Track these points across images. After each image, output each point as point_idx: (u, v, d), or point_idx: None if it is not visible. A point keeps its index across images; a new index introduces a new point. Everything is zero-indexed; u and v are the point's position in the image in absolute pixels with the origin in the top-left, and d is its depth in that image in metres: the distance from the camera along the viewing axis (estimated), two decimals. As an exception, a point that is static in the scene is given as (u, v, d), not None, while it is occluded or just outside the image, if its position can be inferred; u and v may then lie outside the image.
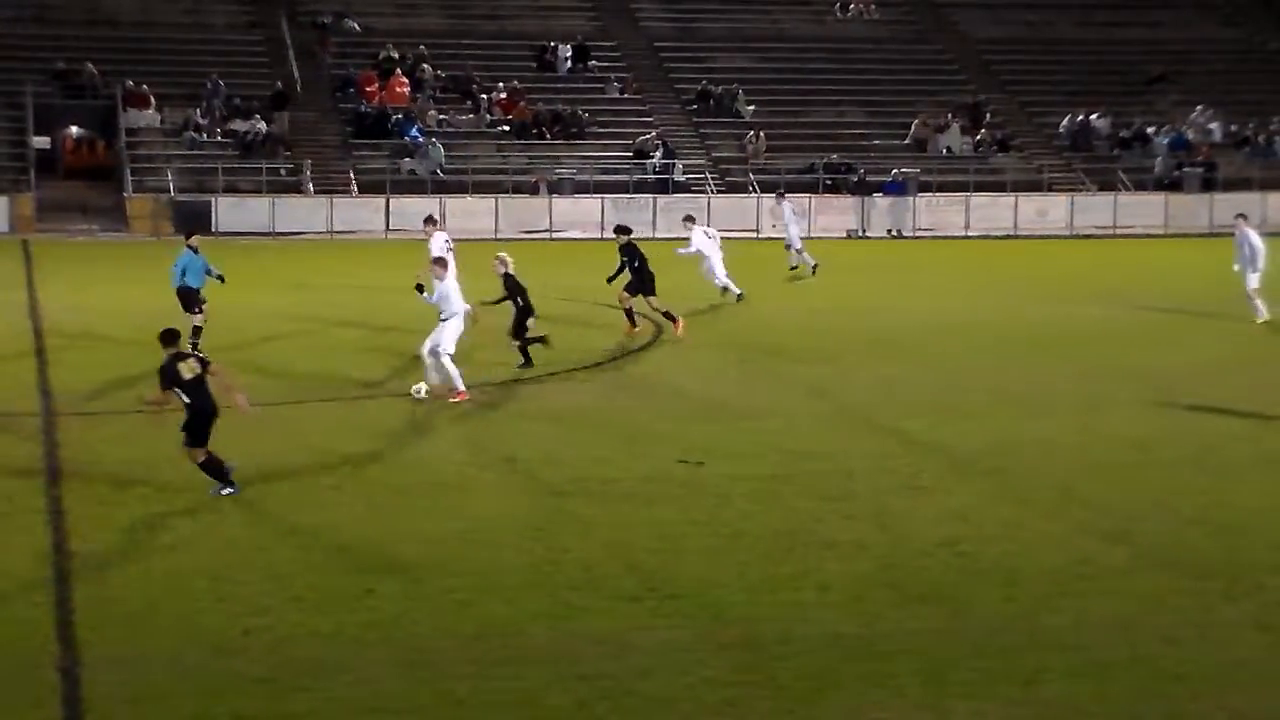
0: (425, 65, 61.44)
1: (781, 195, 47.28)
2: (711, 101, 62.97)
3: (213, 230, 48.56)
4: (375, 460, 21.05)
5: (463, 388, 24.64)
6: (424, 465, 20.76)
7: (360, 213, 54.48)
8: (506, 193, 56.21)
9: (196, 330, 28.86)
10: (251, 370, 27.17)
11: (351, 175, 56.31)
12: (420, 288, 25.68)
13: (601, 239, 52.04)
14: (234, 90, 58.38)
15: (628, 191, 56.76)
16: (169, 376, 18.43)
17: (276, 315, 33.36)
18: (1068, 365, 28.93)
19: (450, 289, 25.32)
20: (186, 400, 18.43)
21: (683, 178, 58.67)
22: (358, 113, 59.04)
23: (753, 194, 57.80)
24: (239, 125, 57.12)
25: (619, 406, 24.82)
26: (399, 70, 60.61)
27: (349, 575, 15.99)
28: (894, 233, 57.78)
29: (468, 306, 25.45)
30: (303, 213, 54.14)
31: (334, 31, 63.09)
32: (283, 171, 56.15)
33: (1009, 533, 17.66)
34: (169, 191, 53.83)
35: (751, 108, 62.82)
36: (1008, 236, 57.55)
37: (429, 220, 34.80)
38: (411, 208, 53.90)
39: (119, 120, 56.75)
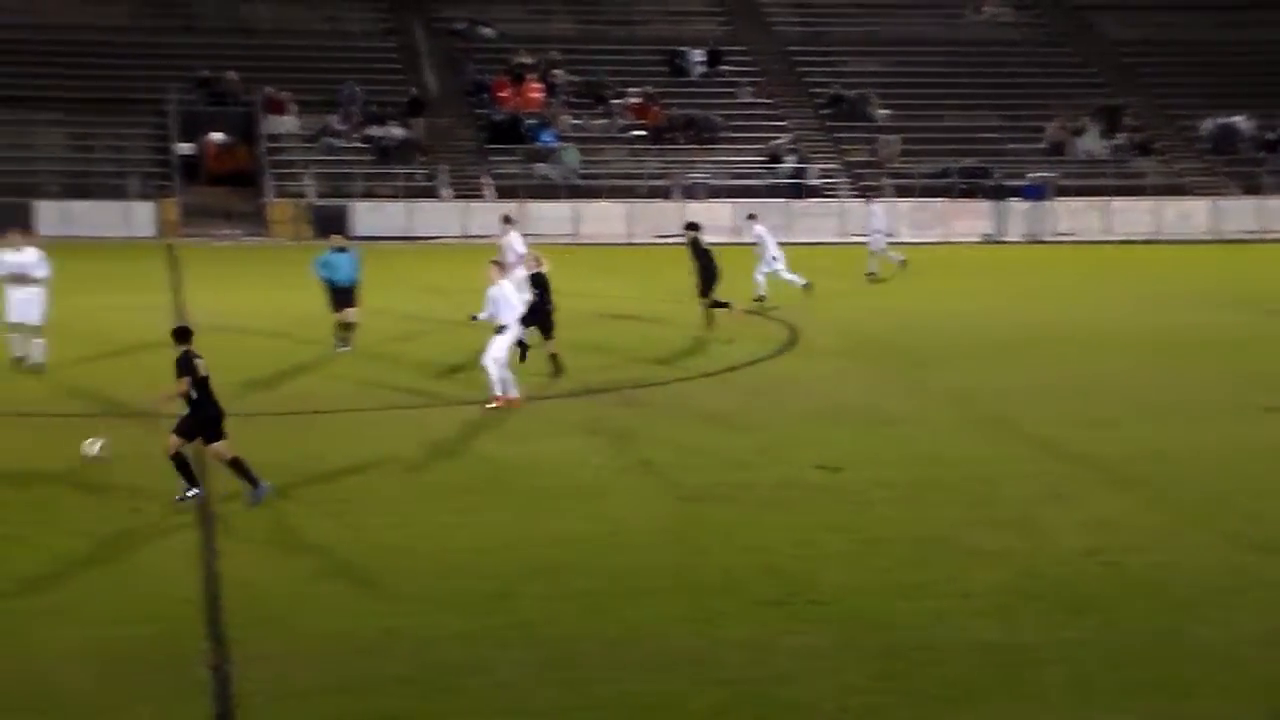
0: (558, 70, 61.72)
1: (870, 198, 47.04)
2: (844, 105, 62.68)
3: (351, 234, 49.04)
4: (512, 463, 21.13)
5: (499, 394, 24.37)
6: (560, 469, 20.82)
7: (495, 217, 54.64)
8: (640, 197, 56.31)
9: (338, 326, 29.30)
10: (385, 371, 27.45)
11: (487, 180, 56.69)
12: (474, 317, 25.08)
13: (734, 244, 51.99)
14: (370, 96, 59.01)
15: (760, 196, 56.63)
16: (187, 366, 18.52)
17: (411, 317, 33.66)
18: (1211, 372, 28.45)
19: (503, 295, 24.76)
20: (194, 396, 18.50)
21: (816, 182, 58.46)
22: (492, 118, 59.45)
23: (888, 198, 57.43)
24: (375, 131, 57.72)
25: (755, 411, 24.76)
26: (532, 76, 60.95)
27: (489, 577, 16.09)
28: (1031, 238, 57.14)
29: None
30: (439, 217, 54.57)
31: (468, 38, 63.58)
32: (419, 176, 56.66)
33: (1157, 542, 17.38)
34: (308, 196, 54.52)
35: (885, 112, 62.45)
36: (1149, 241, 56.66)
37: (506, 219, 35.16)
38: (546, 212, 54.19)
39: (259, 126, 57.61)
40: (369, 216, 53.10)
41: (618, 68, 62.61)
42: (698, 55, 63.89)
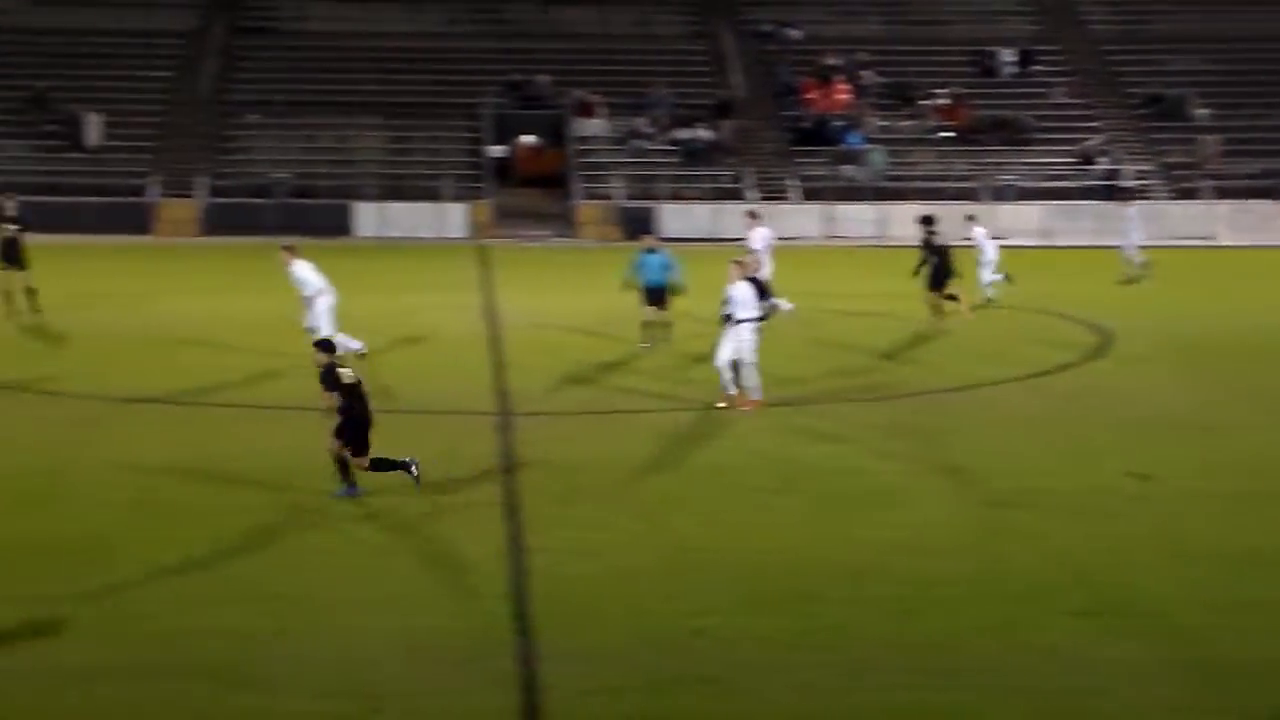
0: (865, 72, 61.40)
1: (1129, 199, 45.84)
2: (1162, 105, 60.95)
3: (658, 236, 49.52)
4: (816, 465, 21.06)
5: (758, 395, 24.20)
6: (864, 472, 20.68)
7: (801, 220, 54.71)
8: (948, 199, 55.61)
9: (645, 325, 29.62)
10: (686, 372, 27.53)
11: (793, 182, 56.68)
12: (727, 317, 24.55)
13: (1044, 247, 51.06)
14: (678, 99, 59.50)
15: (1072, 198, 55.44)
16: (331, 380, 18.75)
17: (714, 320, 33.75)
18: None
19: (741, 295, 24.34)
20: (345, 405, 18.66)
21: (1131, 183, 56.97)
22: (799, 120, 59.42)
23: (1208, 200, 55.65)
24: (683, 133, 58.19)
25: (1065, 416, 24.24)
26: (840, 77, 60.74)
27: (791, 580, 16.06)
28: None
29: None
30: (744, 220, 54.70)
31: (776, 40, 63.66)
32: (725, 179, 56.92)
33: None
34: (616, 198, 55.23)
35: (1205, 111, 60.52)
36: None
37: (751, 215, 35.32)
38: (852, 214, 53.96)
39: (569, 129, 58.59)
40: (676, 218, 53.49)
41: (926, 68, 61.99)
42: (1008, 55, 62.88)
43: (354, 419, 18.81)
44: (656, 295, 29.74)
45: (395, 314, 33.72)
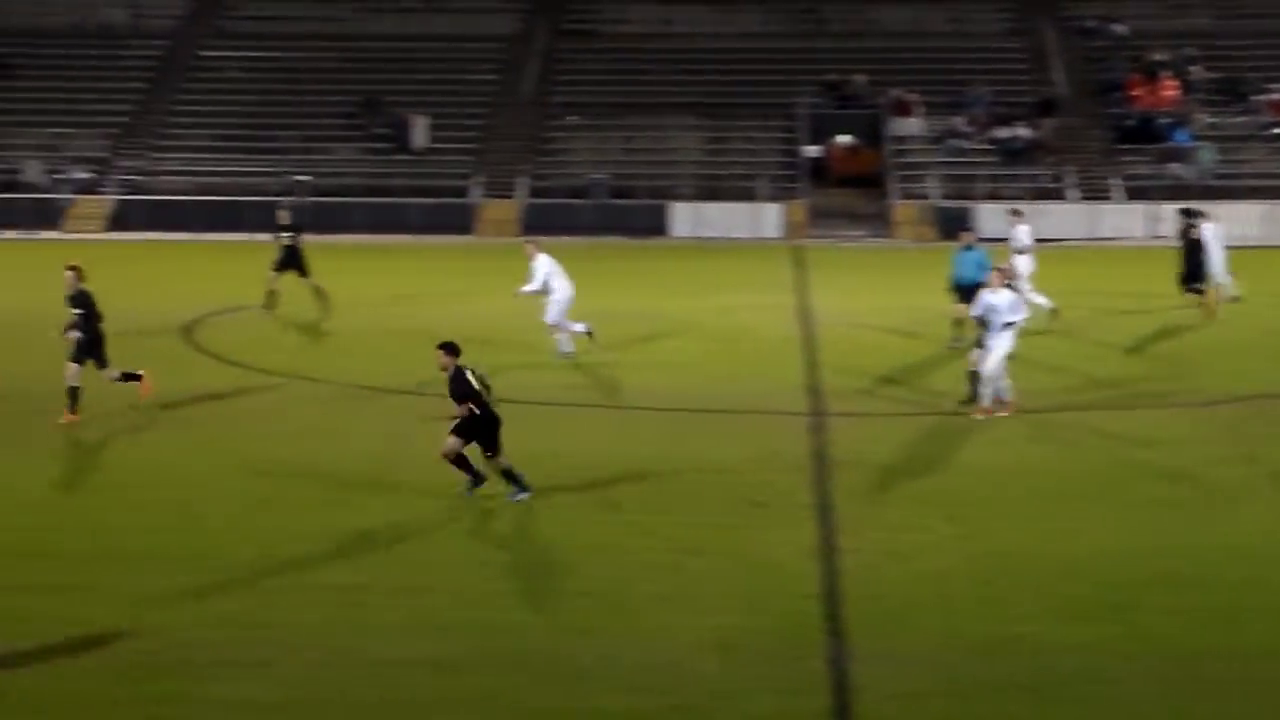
0: (1194, 67, 59.52)
1: None
2: None
3: (977, 236, 48.78)
4: (1128, 470, 20.49)
5: (988, 405, 23.31)
6: (1180, 477, 20.02)
7: (1124, 219, 53.36)
8: (1280, 198, 53.62)
9: (956, 323, 29.22)
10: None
11: (1116, 181, 55.28)
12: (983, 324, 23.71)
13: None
14: (997, 97, 58.58)
15: None
16: (463, 384, 18.43)
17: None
18: None
19: (1001, 303, 23.33)
20: (475, 409, 18.31)
21: None
22: (1123, 118, 57.93)
23: None
24: (1001, 132, 57.26)
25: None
26: (1167, 73, 59.01)
27: (1108, 587, 15.70)
28: None
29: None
30: (1065, 219, 53.56)
31: (1099, 36, 62.19)
32: (1044, 178, 55.79)
33: None
34: (932, 198, 54.61)
35: None
36: None
37: (1014, 212, 34.66)
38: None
39: (884, 128, 58.15)
40: (994, 219, 52.56)
41: (1259, 62, 59.82)
42: (1351, 46, 60.27)
43: (486, 420, 18.51)
44: (969, 293, 29.23)
45: (710, 314, 33.94)
